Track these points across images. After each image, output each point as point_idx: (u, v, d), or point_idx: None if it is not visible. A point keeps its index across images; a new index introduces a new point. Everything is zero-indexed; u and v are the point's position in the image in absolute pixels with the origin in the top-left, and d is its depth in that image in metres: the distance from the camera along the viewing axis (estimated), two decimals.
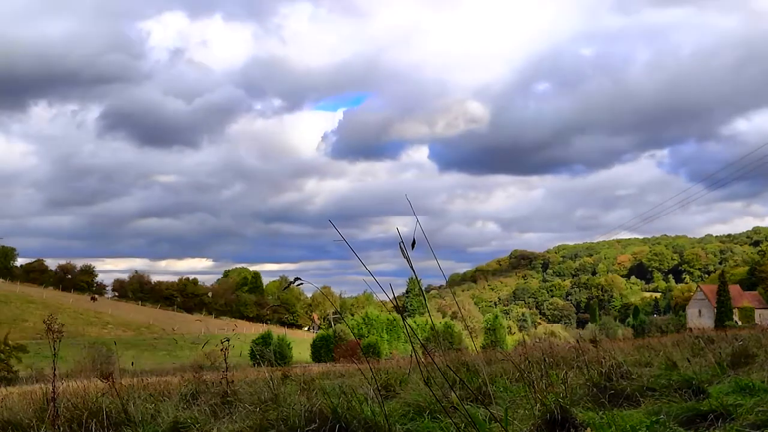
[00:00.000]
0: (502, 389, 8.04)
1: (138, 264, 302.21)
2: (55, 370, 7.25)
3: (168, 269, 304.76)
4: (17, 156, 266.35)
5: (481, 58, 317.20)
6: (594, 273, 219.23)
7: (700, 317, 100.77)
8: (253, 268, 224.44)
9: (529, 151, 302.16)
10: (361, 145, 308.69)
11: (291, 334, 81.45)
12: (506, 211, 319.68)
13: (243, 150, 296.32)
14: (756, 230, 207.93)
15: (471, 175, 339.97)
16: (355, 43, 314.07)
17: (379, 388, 7.60)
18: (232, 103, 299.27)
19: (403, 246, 3.36)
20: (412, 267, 3.44)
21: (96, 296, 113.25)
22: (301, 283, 3.70)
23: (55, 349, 7.07)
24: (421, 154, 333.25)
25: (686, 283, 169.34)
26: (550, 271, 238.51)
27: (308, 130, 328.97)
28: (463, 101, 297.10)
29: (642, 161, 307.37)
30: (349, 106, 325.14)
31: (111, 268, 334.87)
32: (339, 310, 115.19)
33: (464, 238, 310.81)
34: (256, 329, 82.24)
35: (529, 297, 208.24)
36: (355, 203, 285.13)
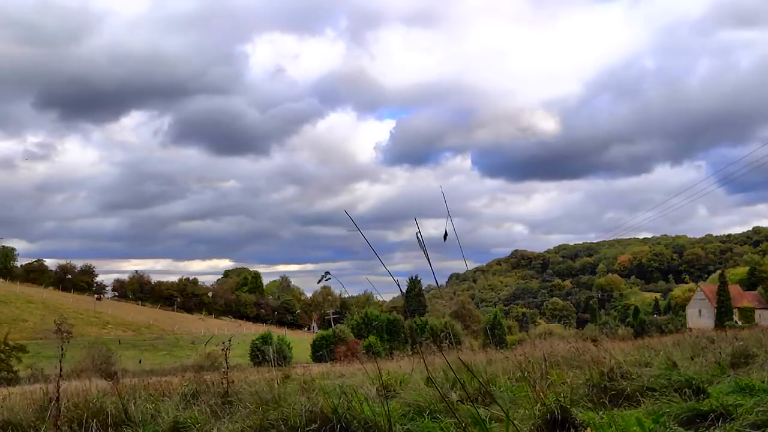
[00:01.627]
0: (502, 389, 8.05)
1: (161, 265, 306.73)
2: (60, 371, 7.25)
3: (184, 270, 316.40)
4: (92, 162, 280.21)
5: (557, 73, 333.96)
6: (594, 273, 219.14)
7: (700, 317, 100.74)
8: (277, 268, 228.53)
9: (577, 158, 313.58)
10: (411, 152, 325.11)
11: (291, 334, 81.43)
12: (538, 213, 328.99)
13: (306, 157, 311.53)
14: (756, 230, 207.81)
15: (513, 181, 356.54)
16: (440, 61, 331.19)
17: (379, 388, 7.60)
18: (309, 114, 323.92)
19: (421, 238, 3.38)
20: (428, 258, 3.46)
21: (100, 296, 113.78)
22: (330, 278, 3.79)
23: (63, 349, 7.08)
24: (467, 161, 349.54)
25: (686, 283, 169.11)
26: (550, 271, 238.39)
27: (369, 138, 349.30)
28: (526, 113, 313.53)
29: (683, 166, 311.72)
30: (407, 115, 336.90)
31: (134, 268, 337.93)
32: (339, 309, 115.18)
33: (491, 239, 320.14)
34: (256, 329, 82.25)
35: (530, 297, 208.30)
36: (396, 207, 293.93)
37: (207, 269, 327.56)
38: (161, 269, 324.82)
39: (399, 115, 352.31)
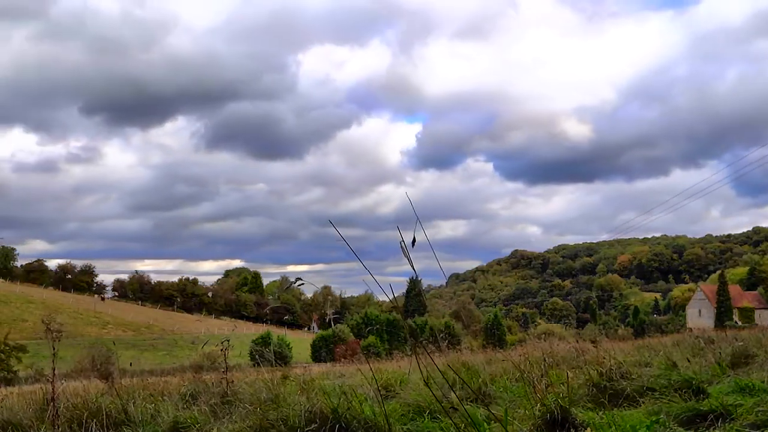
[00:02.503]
0: (502, 389, 8.04)
1: (172, 265, 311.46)
2: (54, 370, 7.24)
3: (194, 270, 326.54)
4: (130, 165, 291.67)
5: (594, 81, 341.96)
6: (594, 273, 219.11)
7: (700, 317, 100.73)
8: (287, 269, 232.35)
9: (598, 161, 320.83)
10: (437, 155, 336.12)
11: (291, 334, 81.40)
12: (553, 215, 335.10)
13: (337, 160, 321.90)
14: (756, 230, 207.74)
15: (534, 184, 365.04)
16: (483, 70, 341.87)
17: (379, 388, 7.59)
18: (347, 120, 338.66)
19: (404, 245, 3.36)
20: (412, 264, 3.45)
21: (104, 297, 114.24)
22: (302, 284, 3.72)
23: (54, 348, 7.07)
24: (489, 165, 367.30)
25: (686, 283, 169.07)
26: (549, 271, 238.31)
27: (401, 142, 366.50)
28: (557, 119, 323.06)
29: (700, 169, 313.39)
30: (436, 121, 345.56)
31: (146, 269, 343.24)
32: (339, 309, 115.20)
33: (505, 239, 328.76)
34: (256, 329, 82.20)
35: (530, 297, 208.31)
36: (419, 208, 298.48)
37: (217, 269, 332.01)
38: (172, 269, 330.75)
39: (430, 121, 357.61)
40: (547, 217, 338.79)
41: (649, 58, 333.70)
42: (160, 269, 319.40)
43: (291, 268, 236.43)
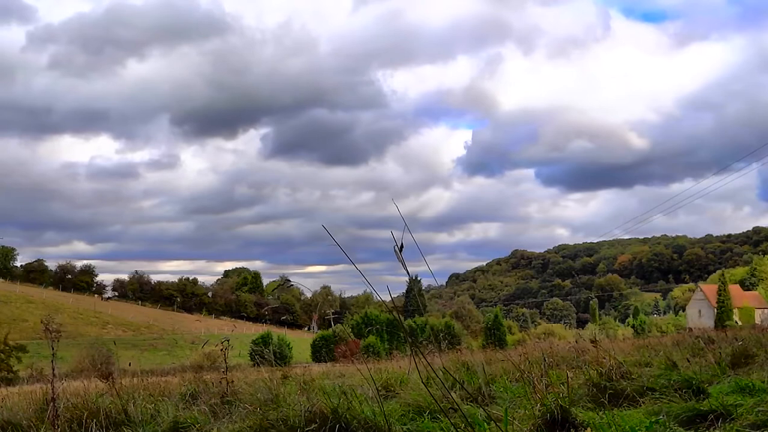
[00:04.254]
0: (502, 389, 8.04)
1: (194, 266, 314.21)
2: (54, 370, 7.25)
3: (212, 271, 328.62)
4: (201, 170, 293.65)
5: (659, 95, 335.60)
6: (594, 273, 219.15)
7: (700, 317, 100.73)
8: (306, 269, 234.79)
9: (643, 167, 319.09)
10: (484, 162, 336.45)
11: (291, 334, 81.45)
12: (583, 217, 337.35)
13: (394, 166, 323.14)
14: (756, 230, 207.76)
15: (572, 191, 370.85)
16: (558, 86, 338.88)
17: (379, 388, 7.60)
18: (417, 129, 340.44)
19: (397, 249, 3.37)
20: (405, 267, 3.46)
21: (108, 297, 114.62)
22: (291, 285, 3.74)
23: (53, 349, 7.08)
24: (530, 173, 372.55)
25: (686, 283, 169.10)
26: (550, 270, 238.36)
27: (457, 149, 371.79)
28: (614, 130, 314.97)
29: (735, 173, 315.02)
30: (483, 128, 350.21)
31: (169, 269, 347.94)
32: (339, 309, 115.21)
33: (528, 241, 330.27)
34: (256, 329, 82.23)
35: (530, 297, 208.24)
36: (458, 211, 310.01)
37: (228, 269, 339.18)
38: (190, 270, 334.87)
39: (483, 129, 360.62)
40: (577, 219, 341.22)
41: (712, 74, 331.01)
42: (179, 270, 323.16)
43: (311, 269, 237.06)
